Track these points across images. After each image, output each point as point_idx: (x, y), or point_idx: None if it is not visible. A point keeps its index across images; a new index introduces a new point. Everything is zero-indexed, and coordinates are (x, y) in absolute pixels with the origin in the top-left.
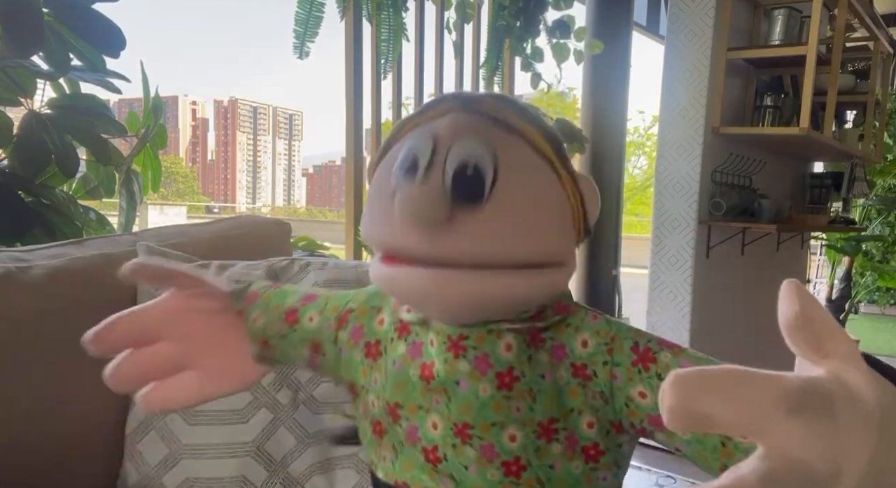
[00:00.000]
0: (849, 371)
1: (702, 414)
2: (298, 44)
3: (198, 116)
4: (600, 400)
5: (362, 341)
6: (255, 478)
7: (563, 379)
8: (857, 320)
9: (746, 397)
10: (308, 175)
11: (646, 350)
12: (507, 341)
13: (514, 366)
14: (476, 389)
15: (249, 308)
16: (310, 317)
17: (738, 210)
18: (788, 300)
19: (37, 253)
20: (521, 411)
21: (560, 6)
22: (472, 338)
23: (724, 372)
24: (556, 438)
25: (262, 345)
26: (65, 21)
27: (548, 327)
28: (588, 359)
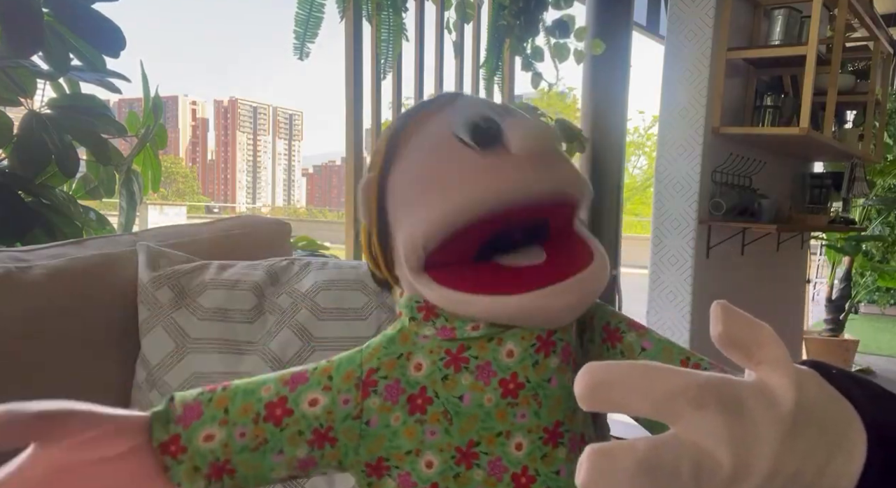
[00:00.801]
0: (773, 375)
1: (607, 400)
2: (298, 44)
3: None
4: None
5: (403, 397)
6: None
7: (567, 377)
8: (857, 320)
9: (650, 388)
10: (308, 175)
11: (615, 329)
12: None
13: (577, 352)
14: (564, 380)
15: (191, 430)
16: (311, 400)
17: (738, 210)
18: (713, 322)
19: (37, 253)
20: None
21: (560, 6)
22: (559, 331)
23: (631, 365)
24: (562, 442)
25: (211, 476)
26: (65, 21)
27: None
28: (572, 340)
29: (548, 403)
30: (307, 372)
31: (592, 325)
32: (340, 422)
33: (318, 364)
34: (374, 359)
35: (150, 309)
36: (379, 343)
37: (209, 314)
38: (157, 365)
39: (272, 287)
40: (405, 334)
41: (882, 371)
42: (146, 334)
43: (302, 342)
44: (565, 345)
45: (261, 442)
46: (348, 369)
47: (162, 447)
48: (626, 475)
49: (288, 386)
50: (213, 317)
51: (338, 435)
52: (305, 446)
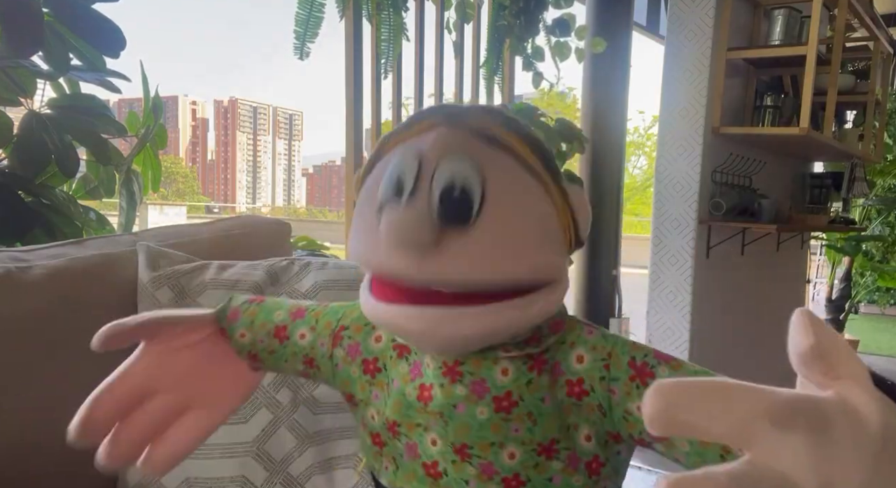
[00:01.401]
0: (855, 391)
1: (681, 422)
2: (299, 44)
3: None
4: (598, 412)
5: (359, 358)
6: (255, 478)
7: (559, 398)
8: (857, 320)
9: (728, 408)
10: (308, 175)
11: (643, 365)
12: (503, 366)
13: (513, 391)
14: (473, 412)
15: (232, 326)
16: (301, 334)
17: (738, 210)
18: (803, 332)
19: (37, 253)
20: (521, 432)
21: (560, 5)
22: (468, 364)
23: (708, 382)
24: (558, 457)
25: (250, 359)
26: (65, 21)
27: (562, 341)
28: (584, 375)
29: (452, 424)
30: (306, 311)
31: (616, 362)
32: (319, 358)
33: (317, 306)
34: (349, 319)
35: (150, 309)
36: (358, 307)
37: None
38: None
39: (272, 287)
40: None
41: (882, 371)
42: None
43: None
44: (478, 381)
45: (272, 350)
46: (329, 319)
47: (221, 332)
48: None
49: (290, 318)
50: None
51: (320, 365)
52: (301, 363)
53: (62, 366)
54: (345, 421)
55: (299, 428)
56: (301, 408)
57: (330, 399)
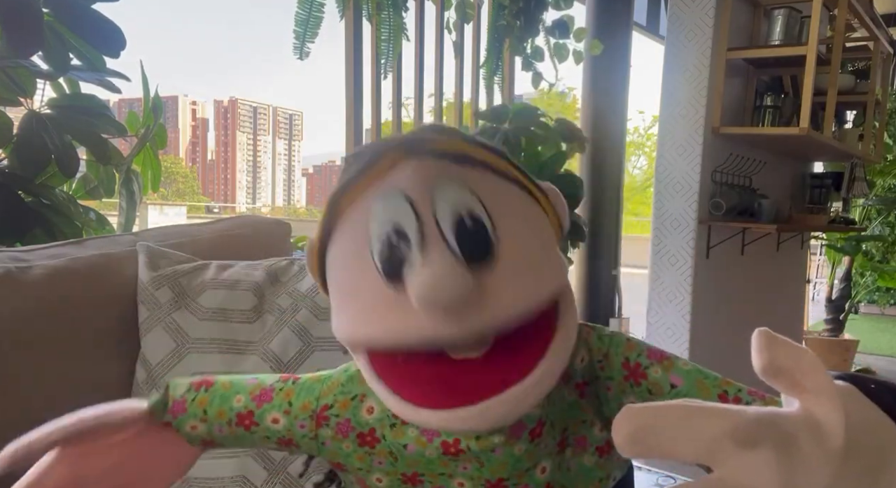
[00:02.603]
0: (820, 405)
1: (649, 446)
2: (298, 44)
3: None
4: (596, 402)
5: (353, 433)
6: (255, 478)
7: (571, 398)
8: (857, 320)
9: (694, 430)
10: (308, 175)
11: (636, 365)
12: None
13: (542, 417)
14: (512, 451)
15: (180, 419)
16: (273, 419)
17: (738, 210)
18: (757, 351)
19: (37, 253)
20: (548, 446)
21: (560, 6)
22: None
23: (673, 406)
24: (568, 443)
25: (204, 444)
26: (65, 21)
27: None
28: (584, 374)
29: (490, 466)
30: (273, 392)
31: (610, 363)
32: (299, 438)
33: (284, 383)
34: (331, 396)
35: (150, 309)
36: (338, 379)
37: (209, 314)
38: (158, 364)
39: (272, 287)
40: (363, 377)
41: (882, 371)
42: (146, 334)
43: (302, 342)
44: (515, 424)
45: (237, 437)
46: (306, 400)
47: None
48: None
49: (255, 403)
50: (213, 317)
51: (300, 444)
52: (275, 444)
53: (62, 365)
54: None
55: None
56: None
57: None
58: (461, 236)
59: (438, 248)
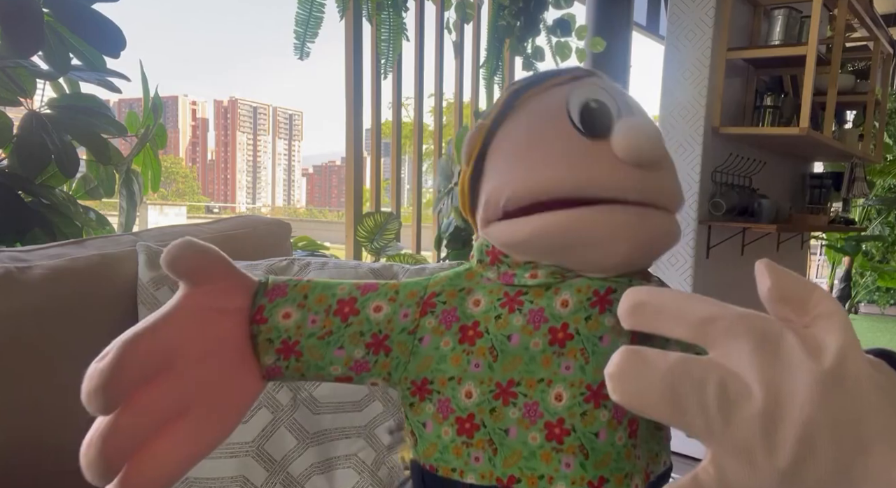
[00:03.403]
0: (823, 331)
1: (646, 319)
2: (299, 44)
3: (198, 116)
4: None
5: (456, 325)
6: (255, 478)
7: (623, 336)
8: (857, 320)
9: (687, 311)
10: (308, 175)
11: None
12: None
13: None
14: (618, 342)
15: (274, 304)
16: (376, 307)
17: (738, 210)
18: (760, 277)
19: (37, 253)
20: None
21: (560, 5)
22: (619, 291)
23: (673, 292)
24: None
25: (281, 352)
26: (65, 21)
27: None
28: None
29: (595, 360)
30: (378, 284)
31: None
32: (397, 333)
33: (387, 281)
34: (439, 285)
35: (150, 309)
36: (445, 275)
37: None
38: None
39: None
40: (471, 273)
41: None
42: None
43: None
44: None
45: (327, 333)
46: (413, 288)
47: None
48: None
49: (360, 290)
50: None
51: (392, 345)
52: (363, 348)
53: (62, 365)
54: (345, 421)
55: (299, 428)
56: (301, 408)
57: (330, 399)
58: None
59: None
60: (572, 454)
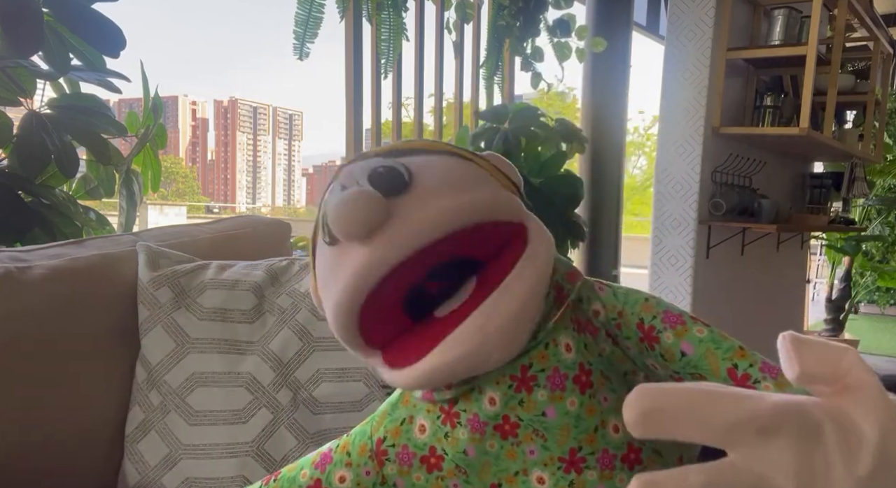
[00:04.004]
0: (858, 406)
1: (662, 428)
2: (298, 44)
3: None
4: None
5: (416, 459)
6: (255, 478)
7: (607, 351)
8: (857, 320)
9: (712, 415)
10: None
11: (650, 329)
12: (565, 342)
13: (582, 361)
14: (564, 408)
15: None
16: (340, 477)
17: (738, 210)
18: (785, 361)
19: (37, 253)
20: (609, 400)
21: (560, 5)
22: (535, 363)
23: (691, 389)
24: None
25: None
26: (65, 21)
27: (580, 299)
28: (606, 328)
29: (551, 435)
30: (332, 452)
31: (626, 322)
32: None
33: (339, 440)
34: (381, 429)
35: (150, 309)
36: (384, 410)
37: (209, 314)
38: (158, 364)
39: (272, 287)
40: (406, 397)
41: (882, 371)
42: (146, 334)
43: (302, 342)
44: (552, 374)
45: None
46: (361, 443)
47: None
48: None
49: (319, 469)
50: (213, 317)
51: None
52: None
53: (62, 365)
54: (345, 421)
55: (299, 428)
56: (301, 408)
57: (330, 399)
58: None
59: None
60: None
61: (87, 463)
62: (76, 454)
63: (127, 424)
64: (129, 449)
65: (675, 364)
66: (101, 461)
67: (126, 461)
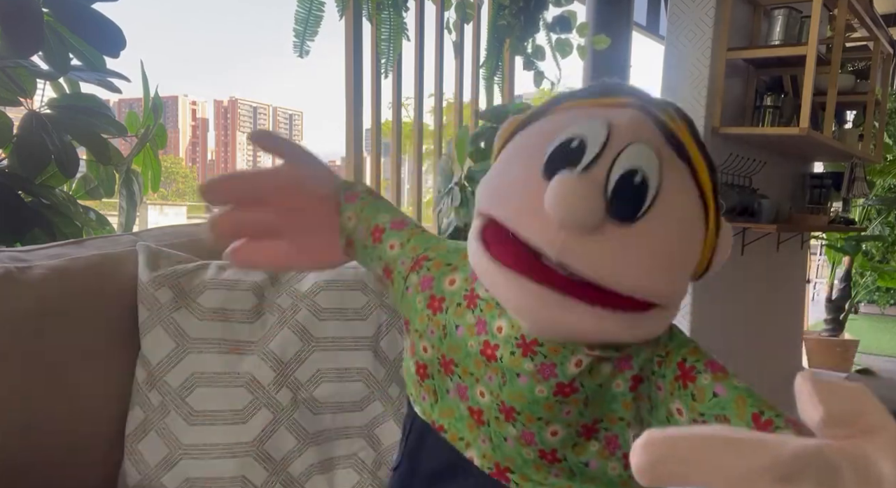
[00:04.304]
0: (873, 442)
1: (673, 475)
2: (298, 42)
3: (198, 116)
4: (647, 404)
5: (428, 292)
6: (255, 478)
7: (620, 388)
8: (857, 320)
9: (728, 462)
10: None
11: (690, 368)
12: (578, 358)
13: (577, 379)
14: (533, 388)
15: (346, 206)
16: (391, 244)
17: (738, 210)
18: (808, 404)
19: (37, 253)
20: (571, 415)
21: (560, 3)
22: (545, 347)
23: (706, 434)
24: (596, 437)
25: (347, 244)
26: (65, 21)
27: None
28: (642, 367)
29: (510, 384)
30: (405, 226)
31: (668, 360)
32: (396, 274)
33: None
34: (434, 252)
35: (150, 309)
36: (447, 245)
37: (209, 314)
38: (158, 364)
39: (272, 287)
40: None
41: (882, 371)
42: (146, 334)
43: (302, 342)
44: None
45: (365, 245)
46: (417, 243)
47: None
48: None
49: (391, 224)
50: (213, 316)
51: (394, 280)
52: (381, 269)
53: (62, 365)
54: (345, 421)
55: (299, 429)
56: (301, 408)
57: (330, 399)
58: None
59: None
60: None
61: (87, 463)
62: (76, 454)
63: (127, 424)
64: (129, 449)
65: (703, 404)
66: (101, 461)
67: (126, 461)
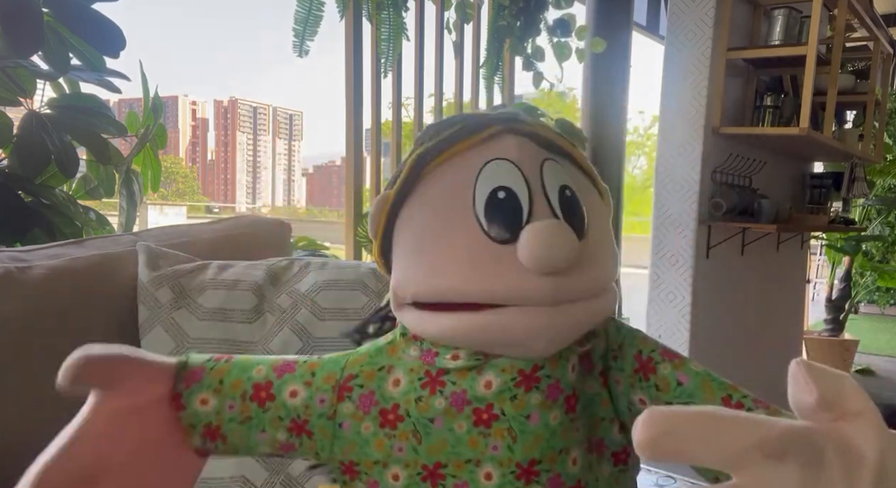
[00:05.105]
0: (857, 430)
1: (670, 449)
2: (298, 42)
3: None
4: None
5: (375, 409)
6: (255, 478)
7: (594, 389)
8: (857, 320)
9: (720, 438)
10: (308, 175)
11: (647, 359)
12: (572, 363)
13: (577, 387)
14: (547, 419)
15: (192, 389)
16: (292, 391)
17: (738, 210)
18: (802, 387)
19: (37, 253)
20: (580, 431)
21: (560, 5)
22: (546, 368)
23: (700, 411)
24: (592, 445)
25: (205, 437)
26: (65, 21)
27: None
28: (601, 363)
29: (523, 439)
30: (296, 364)
31: (623, 354)
32: (316, 419)
33: (309, 357)
34: (357, 366)
35: (150, 309)
36: (367, 351)
37: (209, 314)
38: None
39: (272, 287)
40: (394, 347)
41: (882, 371)
42: (146, 334)
43: (302, 342)
44: (553, 383)
45: (246, 418)
46: (330, 371)
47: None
48: None
49: (276, 373)
50: (213, 317)
51: (313, 430)
52: (285, 431)
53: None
54: None
55: None
56: None
57: None
58: (564, 205)
59: (547, 213)
60: None
61: None
62: None
63: None
64: None
65: (669, 394)
66: None
67: None
